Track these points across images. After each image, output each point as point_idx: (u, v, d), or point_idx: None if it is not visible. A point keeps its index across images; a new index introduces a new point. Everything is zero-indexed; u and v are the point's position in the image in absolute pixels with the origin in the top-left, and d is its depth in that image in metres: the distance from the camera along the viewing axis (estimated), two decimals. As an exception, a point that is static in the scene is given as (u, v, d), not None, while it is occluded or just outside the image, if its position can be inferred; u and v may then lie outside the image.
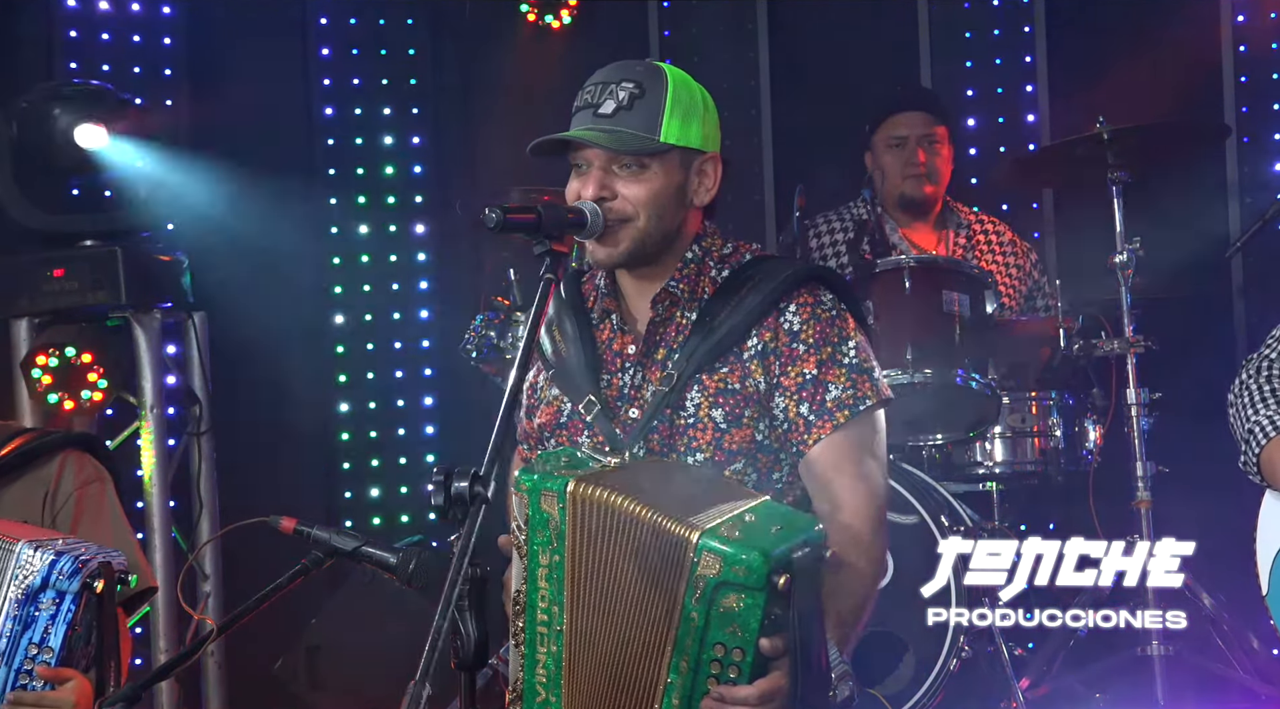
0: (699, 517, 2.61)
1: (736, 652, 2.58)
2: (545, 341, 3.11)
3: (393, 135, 6.55)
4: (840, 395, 2.90)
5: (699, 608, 2.58)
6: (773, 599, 2.56)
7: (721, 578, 2.56)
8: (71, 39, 5.70)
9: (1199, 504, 4.62)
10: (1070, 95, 6.16)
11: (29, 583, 3.07)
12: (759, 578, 2.54)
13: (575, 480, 2.66)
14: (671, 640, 2.61)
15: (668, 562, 2.59)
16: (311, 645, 5.43)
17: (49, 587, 3.08)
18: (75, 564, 3.09)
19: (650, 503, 2.62)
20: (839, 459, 2.90)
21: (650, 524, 2.61)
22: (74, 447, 3.53)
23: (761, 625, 2.57)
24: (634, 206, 2.93)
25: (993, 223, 5.56)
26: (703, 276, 3.01)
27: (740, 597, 2.56)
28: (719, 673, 2.60)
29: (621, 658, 2.65)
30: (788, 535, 2.61)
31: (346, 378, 6.46)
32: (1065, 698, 4.72)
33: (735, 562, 2.55)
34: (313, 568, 2.66)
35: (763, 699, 2.59)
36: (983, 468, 5.01)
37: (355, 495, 6.43)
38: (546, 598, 2.69)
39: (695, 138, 2.98)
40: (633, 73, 2.97)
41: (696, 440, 2.93)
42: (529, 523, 2.69)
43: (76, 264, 5.09)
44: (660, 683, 2.62)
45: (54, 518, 3.43)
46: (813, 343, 2.92)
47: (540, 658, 2.70)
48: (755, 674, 2.60)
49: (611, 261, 2.98)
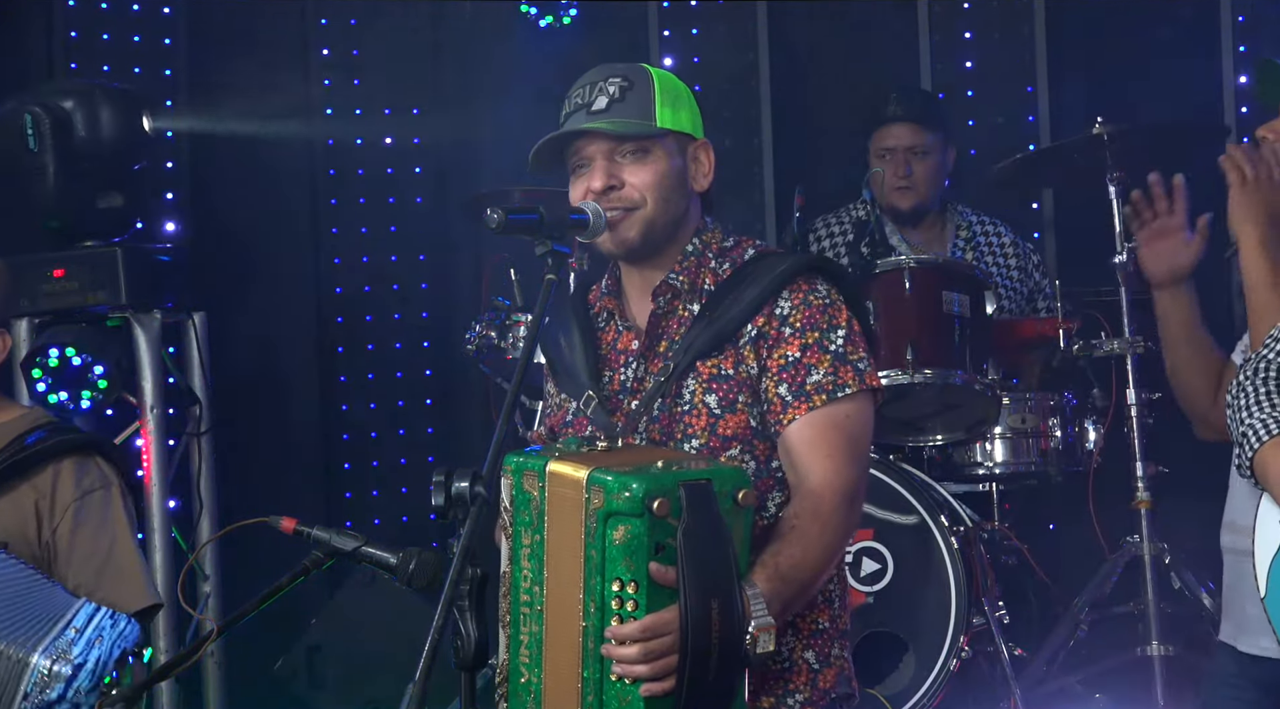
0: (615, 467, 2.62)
1: (631, 585, 2.58)
2: (551, 349, 3.13)
3: (393, 135, 6.55)
4: (820, 380, 2.89)
5: (596, 544, 2.59)
6: (655, 526, 2.56)
7: (606, 508, 2.58)
8: (72, 39, 5.70)
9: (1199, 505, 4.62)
10: (1070, 95, 6.16)
11: (45, 697, 2.99)
12: (635, 502, 2.55)
13: (554, 458, 2.68)
14: (581, 583, 2.62)
15: (575, 507, 2.62)
16: (311, 645, 5.44)
17: (64, 701, 3.01)
18: (93, 680, 3.02)
19: (587, 464, 2.64)
20: (813, 438, 2.88)
21: (569, 478, 2.63)
22: (75, 451, 3.40)
23: (650, 554, 2.57)
24: (641, 192, 2.96)
25: (993, 224, 5.56)
26: (703, 269, 3.02)
27: (626, 527, 2.57)
28: (620, 609, 2.60)
29: (574, 622, 2.65)
30: (683, 473, 2.62)
31: (346, 378, 6.46)
32: (1065, 698, 4.73)
33: (613, 489, 2.57)
34: (313, 568, 2.65)
35: (651, 631, 2.57)
36: (983, 468, 5.01)
37: (355, 495, 6.42)
38: (529, 577, 2.70)
39: (686, 123, 3.03)
40: (616, 70, 3.02)
41: (692, 427, 2.94)
42: (514, 503, 2.71)
43: (76, 264, 5.09)
44: (579, 629, 2.63)
45: (53, 530, 3.34)
46: (799, 327, 2.92)
47: (523, 638, 2.71)
48: (653, 608, 2.59)
49: (621, 250, 3.00)
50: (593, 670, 2.62)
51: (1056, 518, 5.71)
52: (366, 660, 5.28)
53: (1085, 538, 4.93)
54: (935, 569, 4.50)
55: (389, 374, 6.50)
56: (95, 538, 3.36)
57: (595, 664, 2.62)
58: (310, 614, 5.50)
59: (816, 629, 2.94)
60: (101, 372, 5.04)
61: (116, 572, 3.36)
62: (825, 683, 2.94)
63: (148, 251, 5.22)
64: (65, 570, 3.33)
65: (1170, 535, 4.77)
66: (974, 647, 4.54)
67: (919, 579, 4.52)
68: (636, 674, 2.59)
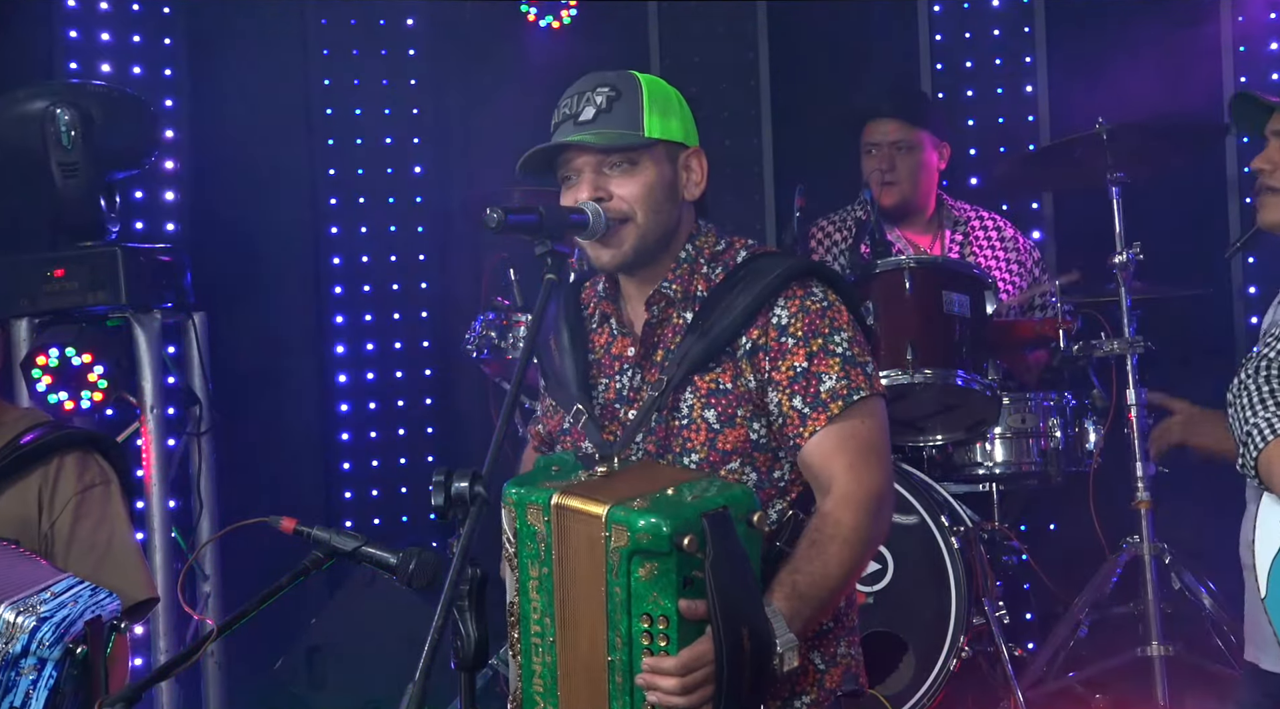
0: (627, 499, 2.62)
1: (661, 620, 2.59)
2: (543, 352, 3.12)
3: (393, 135, 6.55)
4: (834, 386, 2.87)
5: (619, 581, 2.60)
6: (683, 562, 2.57)
7: (631, 547, 2.58)
8: (72, 39, 5.70)
9: (1199, 505, 4.62)
10: (1070, 95, 6.16)
11: (9, 650, 2.98)
12: (663, 541, 2.55)
13: (559, 492, 2.67)
14: (605, 619, 2.63)
15: (593, 543, 2.63)
16: (311, 645, 5.44)
17: (29, 654, 2.99)
18: (57, 632, 3.00)
19: (600, 498, 2.63)
20: (835, 448, 2.86)
21: (584, 513, 2.63)
22: (77, 447, 3.42)
23: (678, 590, 2.58)
24: (630, 205, 2.94)
25: (993, 219, 5.55)
26: (695, 275, 3.01)
27: (653, 564, 2.58)
28: (650, 644, 2.61)
29: (594, 656, 2.66)
30: (701, 503, 2.62)
31: (346, 378, 6.46)
32: (1065, 698, 4.72)
33: (637, 529, 2.57)
34: (313, 568, 2.65)
35: (688, 667, 2.60)
36: (983, 468, 5.01)
37: (355, 495, 6.43)
38: (538, 610, 2.71)
39: (676, 132, 3.00)
40: (605, 79, 3.00)
41: (691, 442, 2.93)
42: (518, 535, 2.71)
43: (76, 264, 5.09)
44: (605, 663, 2.64)
45: (52, 523, 3.35)
46: (801, 335, 2.90)
47: (536, 668, 2.72)
48: (684, 643, 2.60)
49: (616, 264, 2.98)
50: (623, 704, 2.64)
51: (1056, 518, 5.71)
52: (366, 660, 5.28)
53: (1085, 538, 4.93)
54: (935, 569, 4.49)
55: (389, 374, 6.51)
56: (95, 531, 3.37)
57: (626, 697, 2.64)
58: (310, 614, 5.50)
59: (822, 630, 2.94)
60: (102, 372, 5.04)
61: (115, 564, 3.37)
62: (832, 682, 2.94)
63: (148, 251, 5.22)
64: (64, 562, 3.33)
65: (1170, 535, 4.77)
66: (974, 647, 4.54)
67: (919, 579, 4.52)
68: (675, 705, 2.61)
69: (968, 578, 4.49)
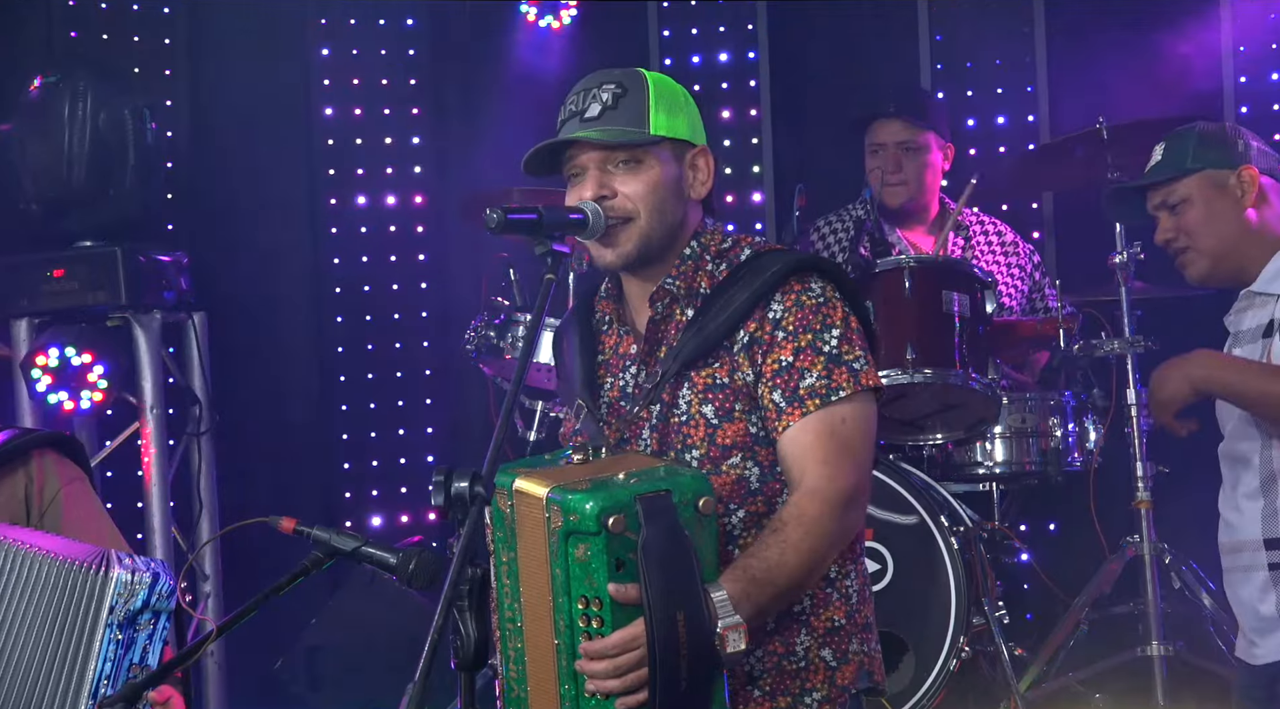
0: (574, 483, 2.62)
1: (595, 602, 2.59)
2: (558, 357, 3.15)
3: (393, 135, 6.55)
4: (814, 384, 2.86)
5: (559, 563, 2.60)
6: (614, 543, 2.56)
7: (566, 527, 2.58)
8: (72, 39, 5.70)
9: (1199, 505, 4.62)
10: (1070, 95, 6.16)
11: (129, 607, 3.02)
12: (590, 521, 2.55)
13: (521, 475, 2.68)
14: (549, 603, 2.63)
15: (537, 525, 2.63)
16: (311, 645, 5.44)
17: (148, 608, 3.03)
18: (171, 585, 3.04)
19: (545, 482, 2.64)
20: (808, 443, 2.85)
21: (530, 496, 2.64)
22: (49, 445, 3.47)
23: (610, 572, 2.57)
24: (634, 203, 2.93)
25: (993, 223, 5.55)
26: (699, 272, 3.00)
27: (585, 545, 2.57)
28: (587, 626, 2.61)
29: (547, 639, 2.67)
30: (638, 486, 2.61)
31: (346, 378, 6.46)
32: (1065, 698, 4.72)
33: (568, 509, 2.57)
34: (313, 568, 2.65)
35: (619, 648, 2.59)
36: (983, 468, 5.01)
37: (355, 495, 6.43)
38: (509, 594, 2.73)
39: (683, 130, 2.98)
40: (611, 76, 2.98)
41: (691, 437, 2.92)
42: (492, 520, 2.72)
43: (76, 264, 5.09)
44: (553, 646, 2.65)
45: (41, 515, 3.39)
46: (792, 330, 2.89)
47: (510, 653, 2.74)
48: (617, 625, 2.60)
49: (619, 263, 2.97)
50: (569, 687, 2.64)
51: (1056, 518, 5.71)
52: (366, 660, 5.28)
53: (1085, 538, 4.93)
54: (935, 569, 4.50)
55: (389, 374, 6.51)
56: (84, 521, 3.42)
57: (570, 680, 2.64)
58: (310, 614, 5.50)
59: (833, 626, 2.92)
60: (102, 372, 5.04)
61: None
62: (844, 679, 2.93)
63: (148, 251, 5.22)
64: None
65: (1170, 535, 4.77)
66: (974, 647, 4.54)
67: (919, 579, 4.52)
68: (609, 689, 2.61)
69: (968, 578, 4.50)
